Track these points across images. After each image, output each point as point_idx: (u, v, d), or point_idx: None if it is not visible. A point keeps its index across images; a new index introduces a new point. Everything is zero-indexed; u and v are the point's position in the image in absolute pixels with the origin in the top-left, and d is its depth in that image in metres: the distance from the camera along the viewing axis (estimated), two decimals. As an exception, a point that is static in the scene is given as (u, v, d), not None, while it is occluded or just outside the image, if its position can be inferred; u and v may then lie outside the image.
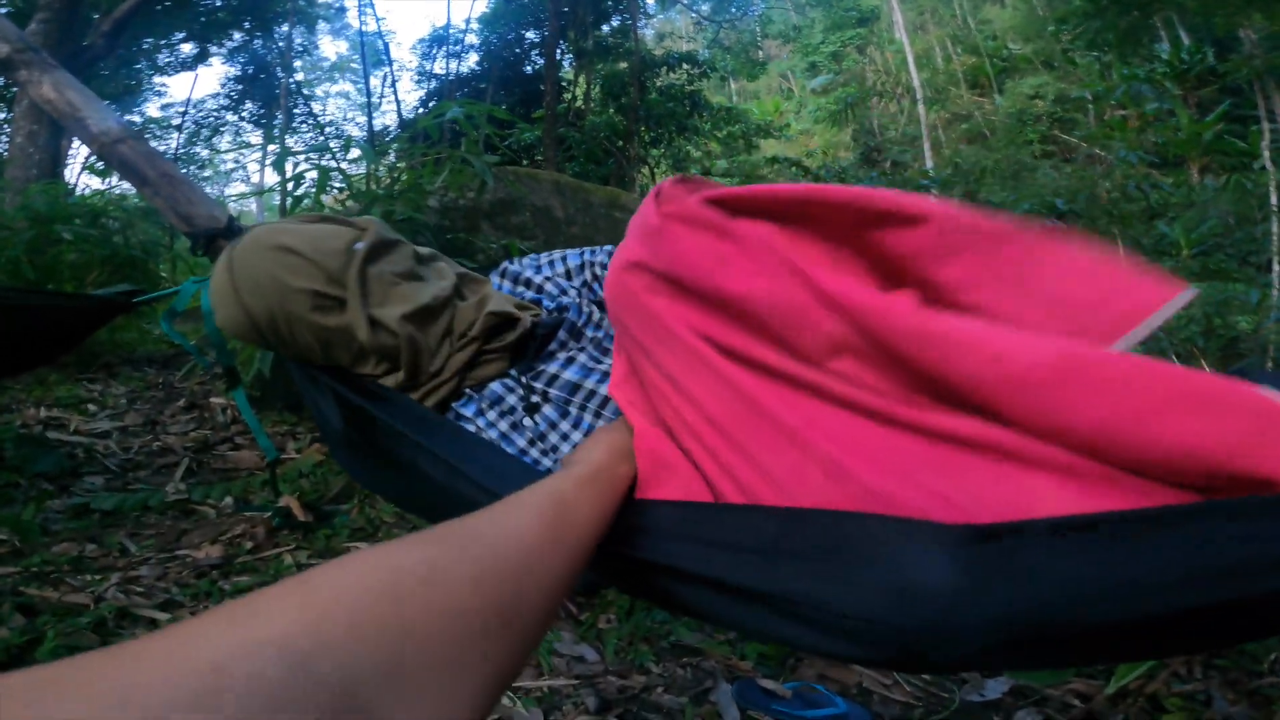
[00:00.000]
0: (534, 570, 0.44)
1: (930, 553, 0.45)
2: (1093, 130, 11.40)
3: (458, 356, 0.87)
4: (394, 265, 0.88)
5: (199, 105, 13.58)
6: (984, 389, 0.49)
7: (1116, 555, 0.43)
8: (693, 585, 0.55)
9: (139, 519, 2.09)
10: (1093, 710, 1.51)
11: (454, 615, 0.35)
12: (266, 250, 0.84)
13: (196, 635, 0.28)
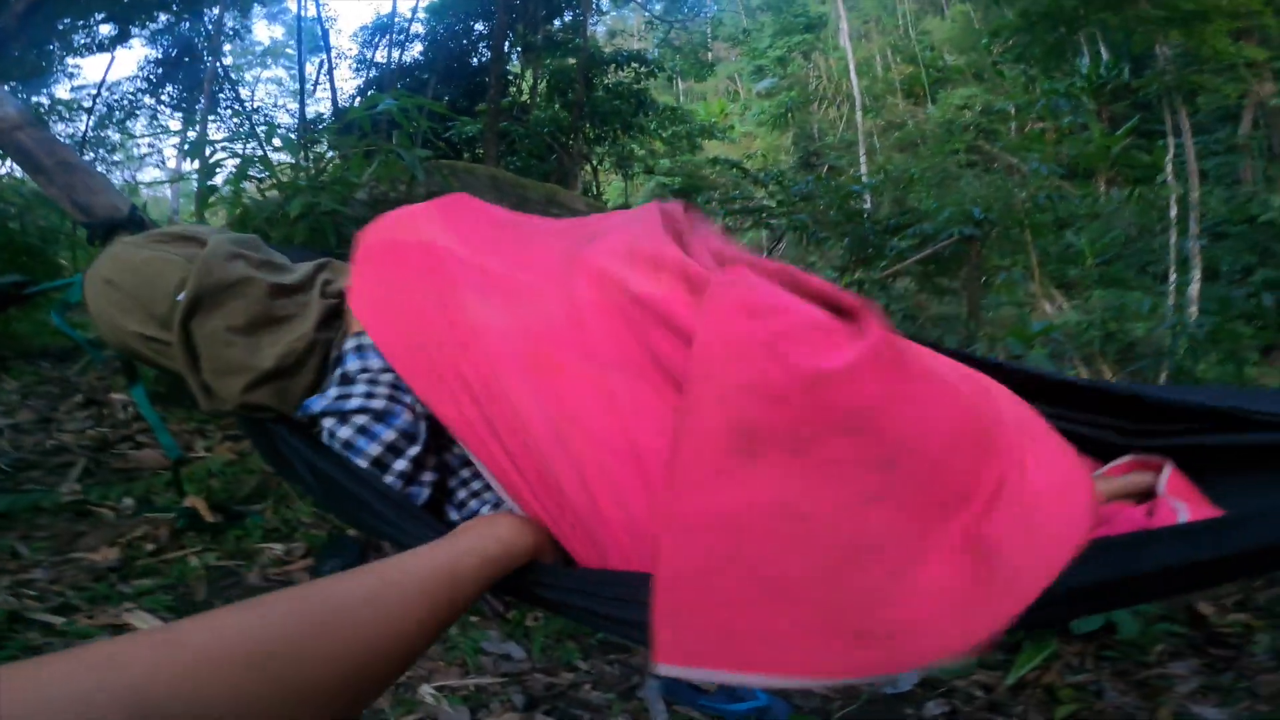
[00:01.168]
0: (398, 650, 0.46)
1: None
2: (1012, 141, 12.02)
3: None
4: (230, 317, 0.73)
5: (114, 88, 12.73)
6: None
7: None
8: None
9: (31, 521, 1.97)
10: (995, 700, 1.61)
11: (301, 689, 0.39)
12: (99, 282, 0.78)
13: (63, 674, 0.30)
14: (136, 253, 0.78)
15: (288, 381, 0.75)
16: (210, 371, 0.75)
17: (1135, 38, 9.46)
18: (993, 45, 13.66)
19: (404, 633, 0.46)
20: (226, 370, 0.74)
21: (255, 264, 0.79)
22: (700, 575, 0.50)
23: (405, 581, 0.49)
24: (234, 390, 0.74)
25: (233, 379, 0.74)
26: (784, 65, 22.57)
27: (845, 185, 8.09)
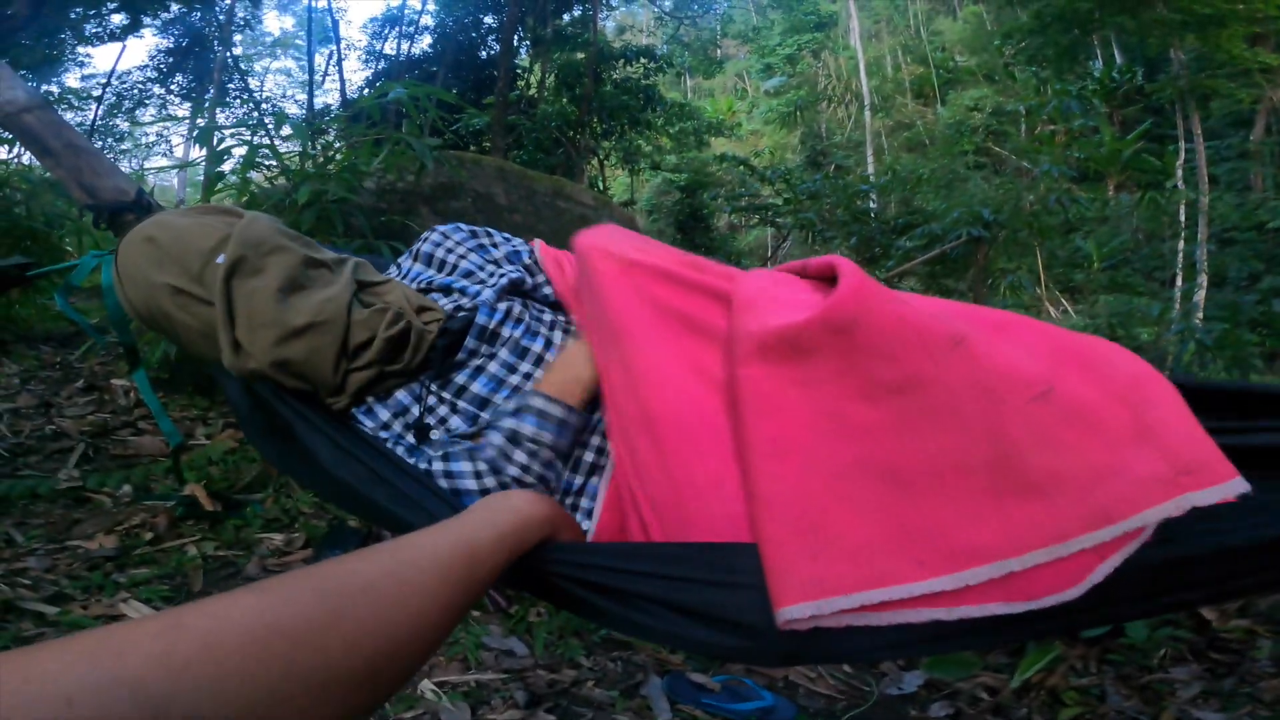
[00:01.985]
0: (421, 631, 0.43)
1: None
2: (1022, 144, 11.97)
3: (356, 376, 0.81)
4: (268, 278, 0.79)
5: (123, 77, 12.75)
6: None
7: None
8: (605, 596, 0.60)
9: (27, 507, 1.96)
10: (1000, 703, 1.59)
11: (322, 677, 0.36)
12: (137, 241, 0.83)
13: (57, 665, 0.28)
14: (178, 218, 0.84)
15: (318, 341, 0.79)
16: (244, 328, 0.78)
17: (1150, 41, 9.40)
18: (1005, 47, 13.59)
19: (424, 612, 0.43)
20: (261, 324, 0.78)
21: (289, 236, 0.85)
22: (802, 503, 0.55)
23: (422, 559, 0.46)
24: (266, 343, 0.78)
25: (265, 332, 0.78)
26: (793, 63, 22.50)
27: (853, 184, 8.06)
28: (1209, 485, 0.48)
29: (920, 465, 0.54)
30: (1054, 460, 0.51)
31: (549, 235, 3.64)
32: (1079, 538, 0.48)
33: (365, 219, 2.46)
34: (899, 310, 0.58)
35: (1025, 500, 0.50)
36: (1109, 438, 0.51)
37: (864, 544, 0.53)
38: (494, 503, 0.60)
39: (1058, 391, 0.53)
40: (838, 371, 0.58)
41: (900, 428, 0.55)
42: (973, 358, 0.54)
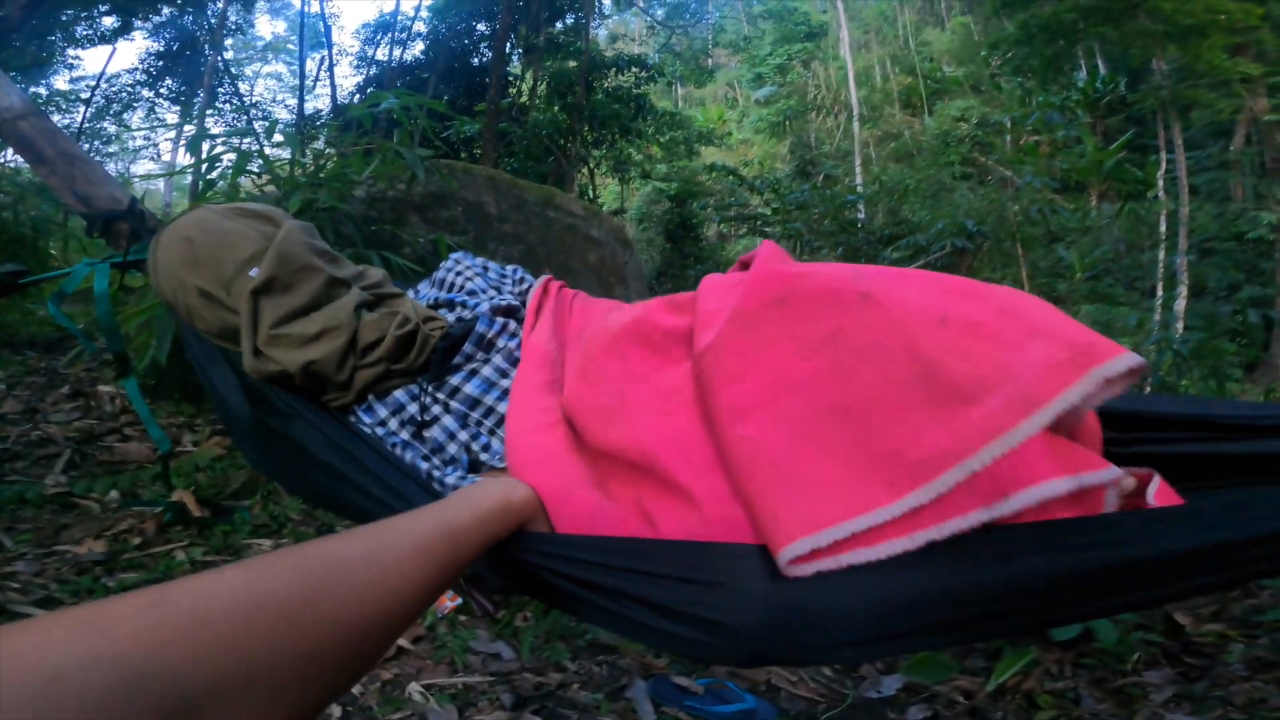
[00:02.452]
0: (397, 610, 0.44)
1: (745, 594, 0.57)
2: (1007, 154, 12.12)
3: (364, 373, 0.87)
4: (296, 299, 0.85)
5: (112, 80, 12.66)
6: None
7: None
8: (586, 590, 0.63)
9: (15, 512, 1.96)
10: (976, 706, 1.62)
11: (302, 651, 0.36)
12: (179, 239, 0.88)
13: (44, 641, 0.29)
14: (221, 221, 0.88)
15: (330, 344, 0.85)
16: (266, 337, 0.84)
17: (1133, 52, 9.55)
18: (991, 57, 13.76)
19: (401, 592, 0.44)
20: (283, 335, 0.84)
21: (318, 253, 0.90)
22: (776, 454, 0.61)
23: (401, 540, 0.47)
24: (289, 351, 0.84)
25: (288, 341, 0.84)
26: (783, 73, 22.68)
27: (840, 195, 8.13)
28: (1109, 358, 0.54)
29: (863, 395, 0.60)
30: (971, 367, 0.57)
31: (538, 244, 3.65)
32: (1019, 426, 0.53)
33: (355, 228, 2.47)
34: (813, 281, 0.68)
35: (962, 407, 0.56)
36: (1008, 341, 0.58)
37: (838, 479, 0.58)
38: (475, 489, 0.62)
39: (953, 315, 0.60)
40: (777, 338, 0.67)
41: (837, 371, 0.62)
42: (879, 304, 0.63)
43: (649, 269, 10.11)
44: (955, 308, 0.61)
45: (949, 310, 0.61)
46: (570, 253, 3.49)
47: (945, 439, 0.56)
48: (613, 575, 0.61)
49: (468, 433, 0.85)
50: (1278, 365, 8.29)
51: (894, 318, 0.62)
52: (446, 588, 0.51)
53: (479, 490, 0.61)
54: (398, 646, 1.63)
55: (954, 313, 0.61)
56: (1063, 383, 0.54)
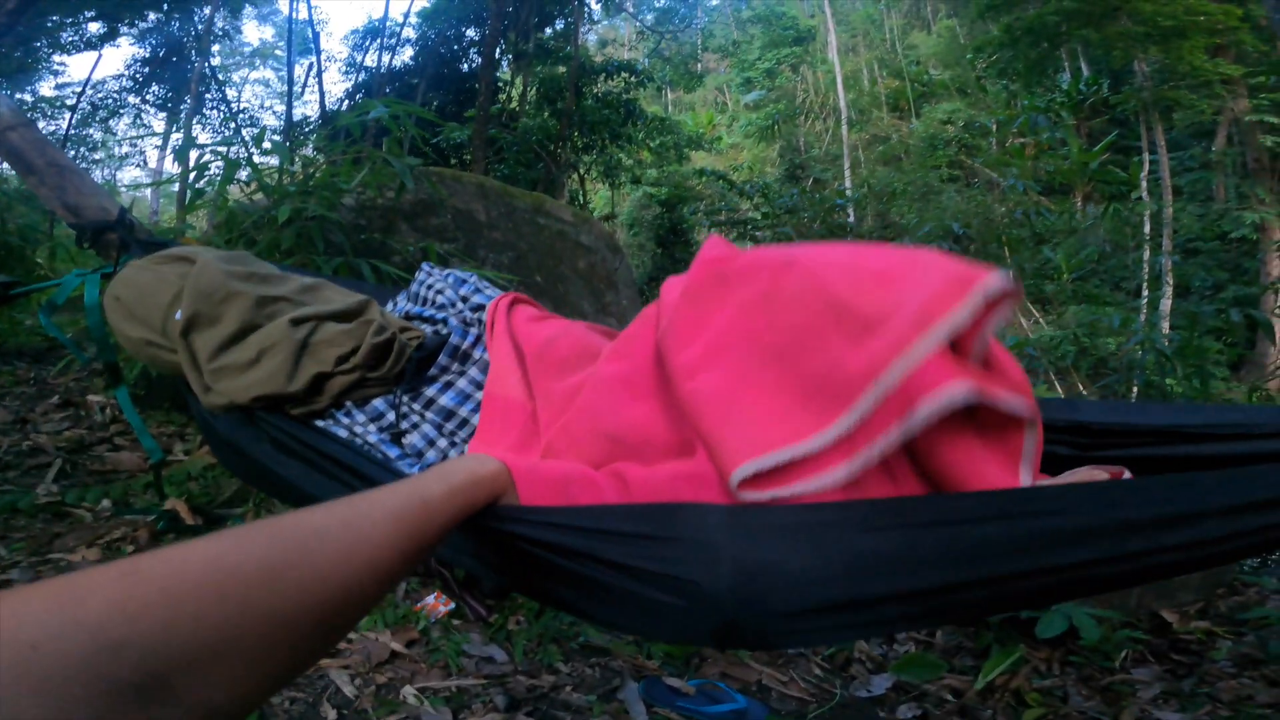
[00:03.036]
0: (370, 579, 0.44)
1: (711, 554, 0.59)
2: (992, 156, 12.23)
3: (339, 380, 0.88)
4: (224, 328, 0.87)
5: (99, 86, 12.56)
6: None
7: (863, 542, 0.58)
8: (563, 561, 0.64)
9: (7, 522, 1.96)
10: (965, 704, 1.64)
11: (274, 619, 0.37)
12: (110, 298, 0.95)
13: (21, 610, 0.30)
14: (139, 274, 0.93)
15: (270, 363, 0.87)
16: (210, 373, 0.87)
17: (1115, 53, 9.67)
18: (977, 60, 13.90)
19: (374, 560, 0.45)
20: (221, 368, 0.87)
21: (241, 277, 0.92)
22: (722, 396, 0.69)
23: (374, 511, 0.47)
24: (233, 384, 0.86)
25: (229, 373, 0.87)
26: (772, 77, 22.79)
27: (829, 199, 8.20)
28: (985, 279, 0.61)
29: (790, 340, 0.68)
30: (872, 298, 0.65)
31: (528, 251, 3.64)
32: (917, 343, 0.60)
33: (345, 236, 2.48)
34: (747, 258, 0.78)
35: (870, 336, 0.63)
36: (903, 281, 0.66)
37: (778, 411, 0.66)
38: (446, 463, 0.63)
39: (862, 265, 0.69)
40: (719, 306, 0.76)
41: (770, 323, 0.71)
42: (800, 264, 0.72)
43: (640, 274, 10.12)
44: (865, 261, 0.70)
45: (859, 263, 0.70)
46: (560, 259, 3.50)
47: (859, 363, 0.63)
48: (581, 537, 0.62)
49: (445, 440, 0.88)
50: (1262, 363, 8.41)
51: (811, 272, 0.71)
52: (420, 558, 0.52)
53: (450, 464, 0.63)
54: (391, 650, 1.64)
55: (863, 264, 0.70)
56: (950, 301, 0.61)
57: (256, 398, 0.85)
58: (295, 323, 0.88)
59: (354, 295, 0.99)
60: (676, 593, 0.58)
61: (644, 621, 0.62)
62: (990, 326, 0.63)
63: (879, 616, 0.58)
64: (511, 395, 0.88)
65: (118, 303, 0.94)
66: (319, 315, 0.91)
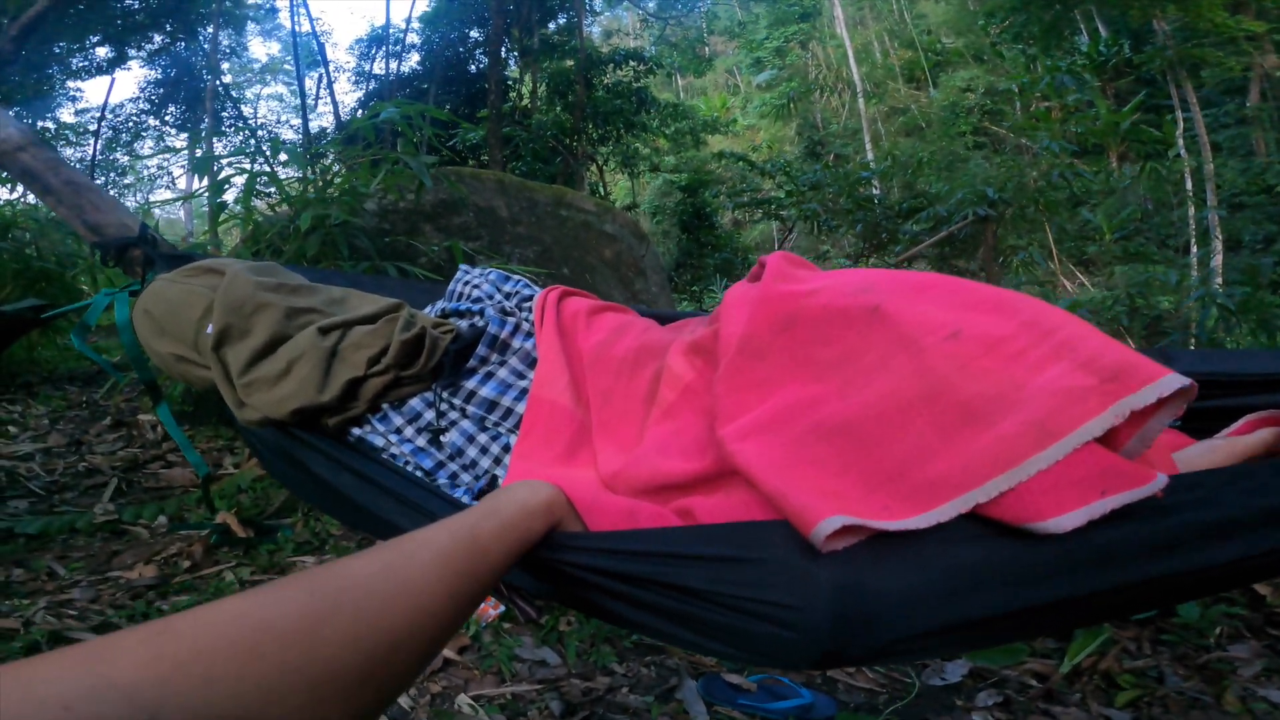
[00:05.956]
0: (421, 626, 0.42)
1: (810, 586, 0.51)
2: (1019, 121, 11.90)
3: (374, 382, 0.85)
4: (254, 340, 0.85)
5: (117, 110, 12.85)
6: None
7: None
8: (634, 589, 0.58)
9: (67, 541, 2.00)
10: (1051, 689, 1.55)
11: (317, 676, 0.35)
12: (140, 313, 0.94)
13: (54, 673, 0.29)
14: (168, 287, 0.92)
15: (303, 370, 0.84)
16: (243, 387, 0.85)
17: (1131, 13, 9.36)
18: (990, 26, 13.53)
19: (423, 606, 0.42)
20: (255, 386, 0.85)
21: (270, 288, 0.90)
22: (774, 465, 0.58)
23: (420, 553, 0.45)
24: (267, 398, 0.84)
25: (262, 386, 0.84)
26: (782, 56, 22.46)
27: (854, 172, 8.02)
28: (1141, 387, 0.48)
29: (864, 414, 0.57)
30: (979, 386, 0.53)
31: (553, 244, 3.62)
32: (1031, 459, 0.49)
33: (370, 241, 2.46)
34: (821, 300, 0.65)
35: (970, 431, 0.52)
36: (1026, 360, 0.53)
37: (833, 491, 0.55)
38: (498, 494, 0.60)
39: (965, 330, 0.56)
40: (785, 366, 0.65)
41: (844, 390, 0.60)
42: (888, 319, 0.59)
43: (667, 260, 10.06)
44: (972, 321, 0.57)
45: (964, 324, 0.56)
46: (586, 249, 3.45)
47: (949, 465, 0.51)
48: (655, 564, 0.55)
49: (487, 435, 0.84)
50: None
51: (902, 332, 0.58)
52: (478, 597, 0.48)
53: (503, 494, 0.59)
54: (444, 658, 1.61)
55: (970, 327, 0.56)
56: (1085, 413, 0.49)
57: (292, 411, 0.82)
58: (323, 331, 0.86)
59: (383, 300, 0.96)
60: (769, 620, 0.51)
61: (737, 649, 0.55)
62: (1152, 428, 0.50)
63: (991, 634, 0.51)
64: (560, 401, 0.82)
65: (148, 317, 0.92)
66: (346, 322, 0.88)
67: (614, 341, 0.86)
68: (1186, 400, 0.49)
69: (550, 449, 0.79)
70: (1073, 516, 0.48)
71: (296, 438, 0.84)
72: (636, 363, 0.82)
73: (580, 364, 0.86)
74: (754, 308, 0.69)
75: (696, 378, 0.74)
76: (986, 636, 0.52)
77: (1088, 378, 0.50)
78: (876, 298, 0.62)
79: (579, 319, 0.92)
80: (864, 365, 0.59)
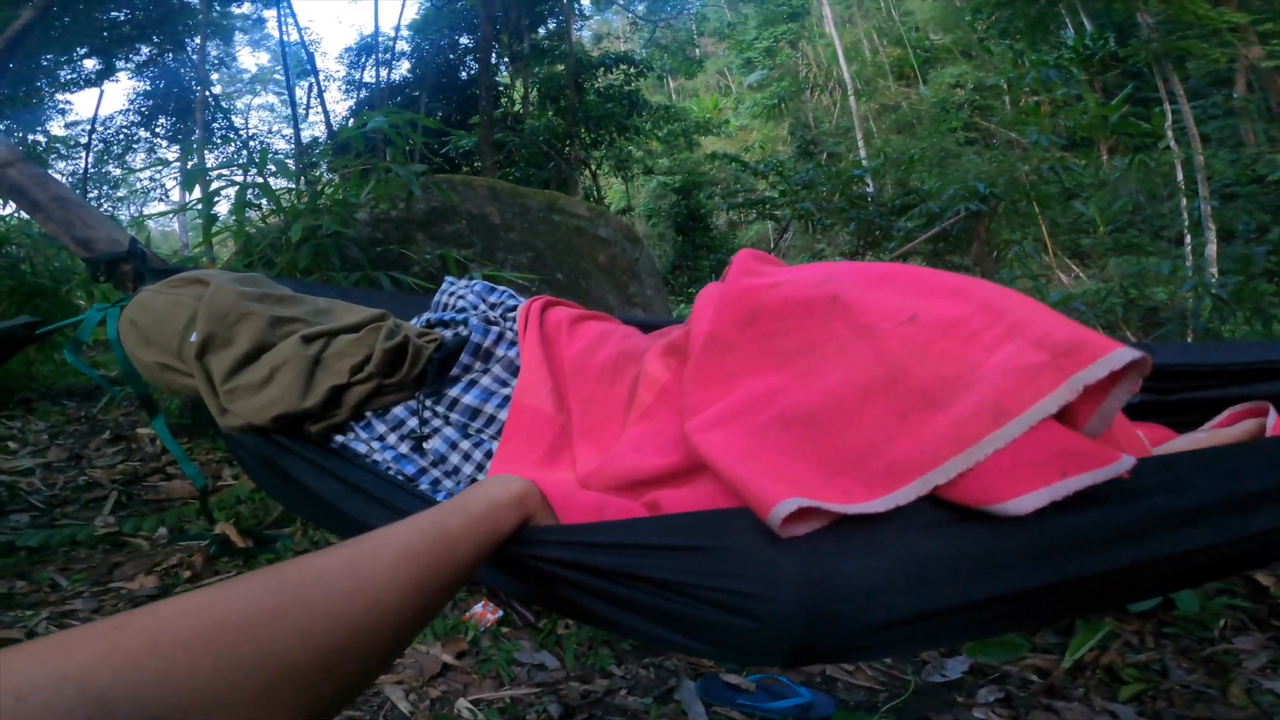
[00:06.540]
0: (383, 620, 0.42)
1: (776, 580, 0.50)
2: (1009, 116, 11.94)
3: (357, 390, 0.85)
4: (237, 348, 0.86)
5: (107, 122, 12.83)
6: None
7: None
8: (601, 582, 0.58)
9: (68, 554, 2.01)
10: (1052, 684, 1.55)
11: (271, 670, 0.36)
12: (126, 322, 0.95)
13: (11, 666, 0.30)
14: (154, 298, 0.93)
15: (285, 378, 0.85)
16: (225, 393, 0.85)
17: (1115, 7, 9.40)
18: (976, 22, 13.58)
19: (384, 601, 0.42)
20: (238, 393, 0.85)
21: (254, 298, 0.91)
22: (736, 453, 0.59)
23: (381, 548, 0.45)
24: (249, 405, 0.84)
25: (244, 393, 0.85)
26: (772, 56, 22.51)
27: (846, 170, 8.04)
28: (1092, 362, 0.49)
29: (824, 401, 0.58)
30: (936, 369, 0.53)
31: (546, 250, 3.61)
32: (987, 438, 0.49)
33: (362, 251, 2.46)
34: (782, 293, 0.66)
35: (928, 413, 0.52)
36: (981, 341, 0.54)
37: (794, 477, 0.55)
38: (469, 490, 0.60)
39: (921, 314, 0.57)
40: (748, 360, 0.66)
41: (804, 379, 0.61)
42: (847, 307, 0.60)
43: (663, 263, 10.06)
44: (929, 306, 0.57)
45: (920, 309, 0.57)
46: (580, 255, 3.46)
47: (909, 448, 0.52)
48: (621, 555, 0.55)
49: (469, 441, 0.84)
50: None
51: (860, 320, 0.59)
52: (448, 591, 0.49)
53: (474, 490, 0.59)
54: (442, 663, 1.61)
55: (926, 311, 0.56)
56: (1039, 390, 0.49)
57: (273, 418, 0.83)
58: (306, 340, 0.87)
59: (368, 310, 0.97)
60: (734, 610, 0.51)
61: (706, 644, 0.54)
62: (1110, 406, 0.50)
63: (966, 623, 0.51)
64: (541, 408, 0.83)
65: (133, 327, 0.93)
66: (330, 331, 0.89)
67: (595, 349, 0.87)
68: (1141, 375, 0.50)
69: (531, 454, 0.79)
70: (1033, 498, 0.48)
71: (279, 444, 0.85)
72: (616, 369, 0.83)
73: (562, 372, 0.87)
74: (719, 305, 0.70)
75: (672, 379, 0.75)
76: (962, 628, 0.51)
77: (1040, 354, 0.50)
78: (836, 288, 0.63)
79: (561, 328, 0.93)
80: (824, 353, 0.60)
